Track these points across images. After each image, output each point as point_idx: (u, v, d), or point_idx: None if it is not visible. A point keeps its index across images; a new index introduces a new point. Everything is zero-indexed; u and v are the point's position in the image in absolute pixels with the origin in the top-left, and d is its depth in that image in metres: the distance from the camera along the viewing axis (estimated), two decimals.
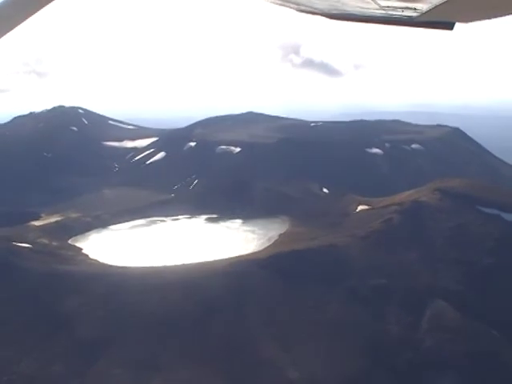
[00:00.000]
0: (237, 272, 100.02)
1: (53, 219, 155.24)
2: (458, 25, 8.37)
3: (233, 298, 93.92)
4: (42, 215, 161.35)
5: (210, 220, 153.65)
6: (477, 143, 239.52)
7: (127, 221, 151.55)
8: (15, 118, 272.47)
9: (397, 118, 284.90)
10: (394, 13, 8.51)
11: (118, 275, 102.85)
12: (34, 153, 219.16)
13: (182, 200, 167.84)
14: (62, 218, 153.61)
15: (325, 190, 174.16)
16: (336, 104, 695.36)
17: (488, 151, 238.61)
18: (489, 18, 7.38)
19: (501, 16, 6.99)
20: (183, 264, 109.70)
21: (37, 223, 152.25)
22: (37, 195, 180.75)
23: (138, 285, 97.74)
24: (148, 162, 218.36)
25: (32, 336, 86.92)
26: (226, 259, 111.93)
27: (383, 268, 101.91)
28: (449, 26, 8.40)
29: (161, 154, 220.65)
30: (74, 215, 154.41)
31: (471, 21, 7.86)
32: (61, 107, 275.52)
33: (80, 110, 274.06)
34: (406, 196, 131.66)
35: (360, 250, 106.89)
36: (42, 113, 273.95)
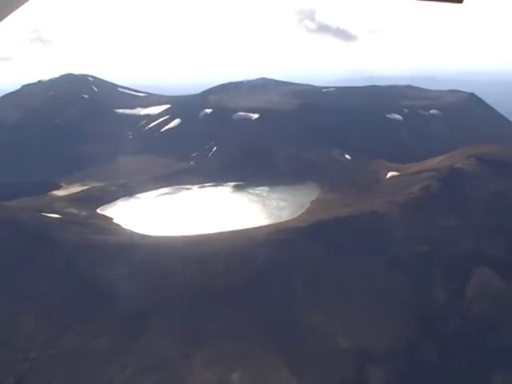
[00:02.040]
0: (279, 240, 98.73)
1: (74, 188, 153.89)
2: None
3: (277, 267, 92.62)
4: (62, 185, 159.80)
5: (237, 187, 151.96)
6: (492, 108, 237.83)
7: (153, 189, 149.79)
8: (23, 86, 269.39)
9: (403, 82, 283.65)
10: None
11: (156, 245, 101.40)
12: (45, 121, 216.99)
13: (204, 167, 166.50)
14: (87, 187, 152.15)
15: (347, 156, 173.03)
16: (340, 69, 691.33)
17: (503, 116, 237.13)
18: None
19: None
20: (222, 232, 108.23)
21: (59, 193, 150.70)
22: (52, 164, 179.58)
23: (178, 255, 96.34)
24: (163, 129, 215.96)
25: (72, 309, 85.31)
26: (265, 227, 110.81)
27: (425, 235, 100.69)
28: None
29: (176, 121, 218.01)
30: (98, 184, 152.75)
31: None
32: (70, 75, 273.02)
33: (89, 78, 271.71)
34: (437, 162, 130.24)
35: (401, 216, 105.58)
36: (50, 81, 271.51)
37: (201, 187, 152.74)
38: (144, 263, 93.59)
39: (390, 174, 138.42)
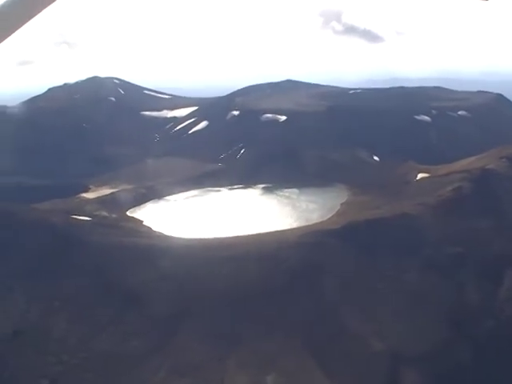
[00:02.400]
0: (312, 242, 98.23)
1: (103, 191, 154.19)
2: None
3: (310, 269, 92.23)
4: (91, 187, 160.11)
5: (266, 189, 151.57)
6: None
7: (182, 191, 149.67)
8: (49, 89, 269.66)
9: (428, 84, 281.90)
10: None
11: (187, 248, 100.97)
12: (72, 124, 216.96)
13: (233, 169, 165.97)
14: (116, 189, 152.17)
15: (375, 158, 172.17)
16: (365, 71, 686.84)
17: None
18: None
19: None
20: (253, 234, 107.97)
21: (88, 195, 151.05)
22: (80, 167, 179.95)
23: (210, 257, 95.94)
24: (190, 131, 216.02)
25: (104, 311, 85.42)
26: (296, 229, 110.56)
27: (458, 236, 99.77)
28: None
29: (203, 124, 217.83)
30: (127, 187, 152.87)
31: None
32: (96, 78, 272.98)
33: (115, 81, 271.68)
34: (468, 163, 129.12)
35: (432, 218, 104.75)
36: (76, 84, 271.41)
37: (230, 189, 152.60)
38: (176, 265, 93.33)
39: (419, 176, 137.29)
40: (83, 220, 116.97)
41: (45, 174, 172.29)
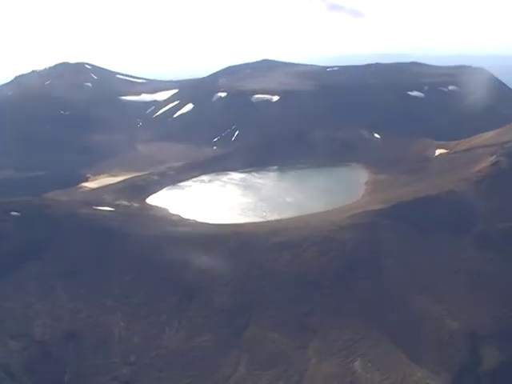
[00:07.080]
0: (364, 223, 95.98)
1: (104, 179, 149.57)
2: None
3: (369, 251, 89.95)
4: (89, 176, 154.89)
5: (280, 171, 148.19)
6: (501, 82, 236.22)
7: (194, 176, 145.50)
8: (17, 77, 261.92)
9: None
10: None
11: (236, 235, 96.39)
12: (49, 112, 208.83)
13: (235, 152, 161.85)
14: (121, 177, 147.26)
15: (376, 135, 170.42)
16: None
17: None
18: None
19: None
20: (300, 217, 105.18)
21: (89, 184, 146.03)
22: (69, 156, 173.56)
23: (264, 244, 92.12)
24: (175, 115, 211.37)
25: (165, 306, 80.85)
26: (337, 210, 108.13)
27: (507, 211, 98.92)
28: None
29: (188, 107, 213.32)
30: (135, 174, 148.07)
31: None
32: (65, 63, 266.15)
33: (87, 66, 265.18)
34: (488, 138, 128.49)
35: (478, 194, 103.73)
36: (45, 70, 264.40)
37: (241, 172, 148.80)
38: (232, 253, 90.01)
39: (438, 152, 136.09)
40: (108, 211, 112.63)
41: (33, 166, 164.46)
